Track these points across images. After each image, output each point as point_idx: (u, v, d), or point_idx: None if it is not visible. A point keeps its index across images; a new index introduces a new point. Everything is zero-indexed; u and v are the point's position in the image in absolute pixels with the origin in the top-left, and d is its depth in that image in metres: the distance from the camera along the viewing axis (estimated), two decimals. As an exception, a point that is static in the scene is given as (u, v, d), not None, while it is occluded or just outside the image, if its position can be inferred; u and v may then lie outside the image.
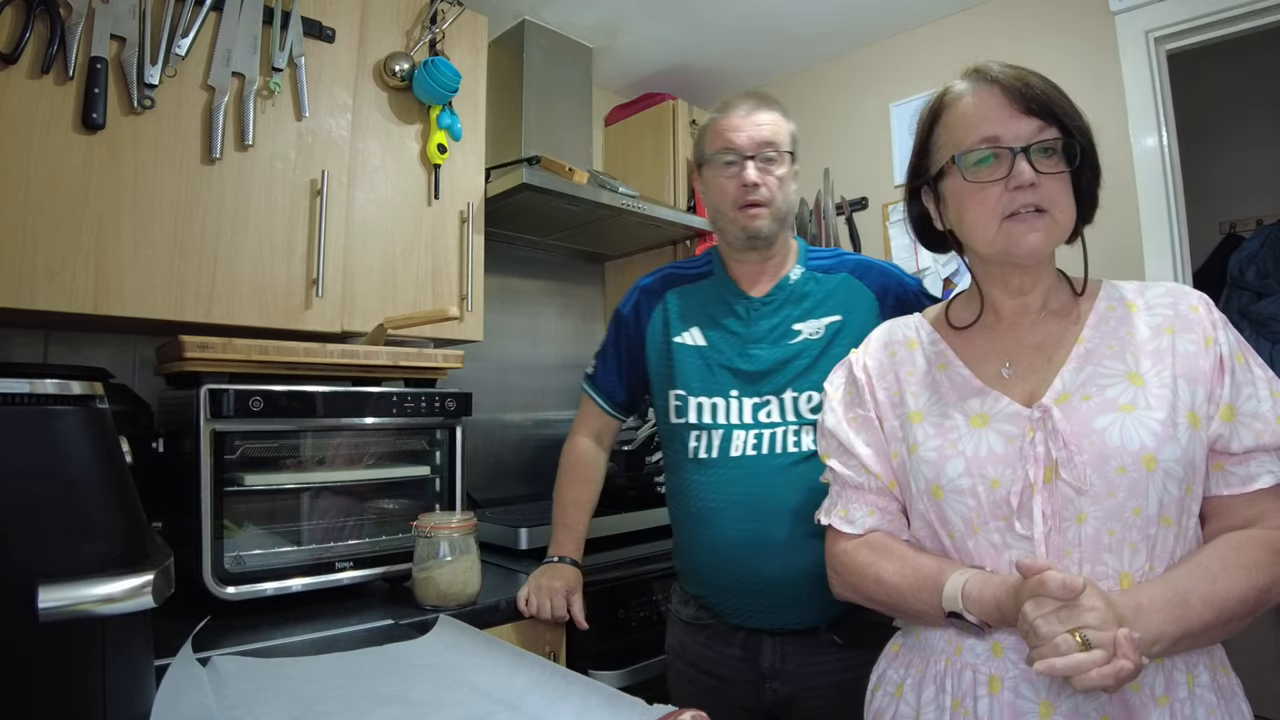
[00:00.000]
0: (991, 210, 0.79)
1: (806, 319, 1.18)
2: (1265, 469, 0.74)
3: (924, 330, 0.93)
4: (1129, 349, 0.78)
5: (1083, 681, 0.60)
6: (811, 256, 1.25)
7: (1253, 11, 1.58)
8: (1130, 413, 0.74)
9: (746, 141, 1.16)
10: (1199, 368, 0.76)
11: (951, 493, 0.79)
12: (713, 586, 1.17)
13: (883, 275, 1.21)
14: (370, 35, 1.56)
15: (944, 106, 0.84)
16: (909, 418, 0.86)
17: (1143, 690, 0.70)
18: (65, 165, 1.15)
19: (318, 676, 0.88)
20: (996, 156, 0.78)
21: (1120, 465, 0.72)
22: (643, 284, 1.35)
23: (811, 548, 1.06)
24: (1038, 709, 0.72)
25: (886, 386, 0.90)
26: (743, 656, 1.14)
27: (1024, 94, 0.78)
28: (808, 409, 1.13)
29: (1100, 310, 0.83)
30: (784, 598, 1.10)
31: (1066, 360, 0.80)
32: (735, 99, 1.21)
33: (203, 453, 1.14)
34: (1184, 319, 0.79)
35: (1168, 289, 0.83)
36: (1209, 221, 2.87)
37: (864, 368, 0.93)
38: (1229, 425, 0.75)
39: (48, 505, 0.61)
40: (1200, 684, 0.72)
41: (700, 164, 1.24)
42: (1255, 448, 0.74)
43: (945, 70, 0.88)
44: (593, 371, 1.38)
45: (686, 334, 1.25)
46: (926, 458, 0.82)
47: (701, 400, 1.19)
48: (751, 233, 1.17)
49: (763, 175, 1.16)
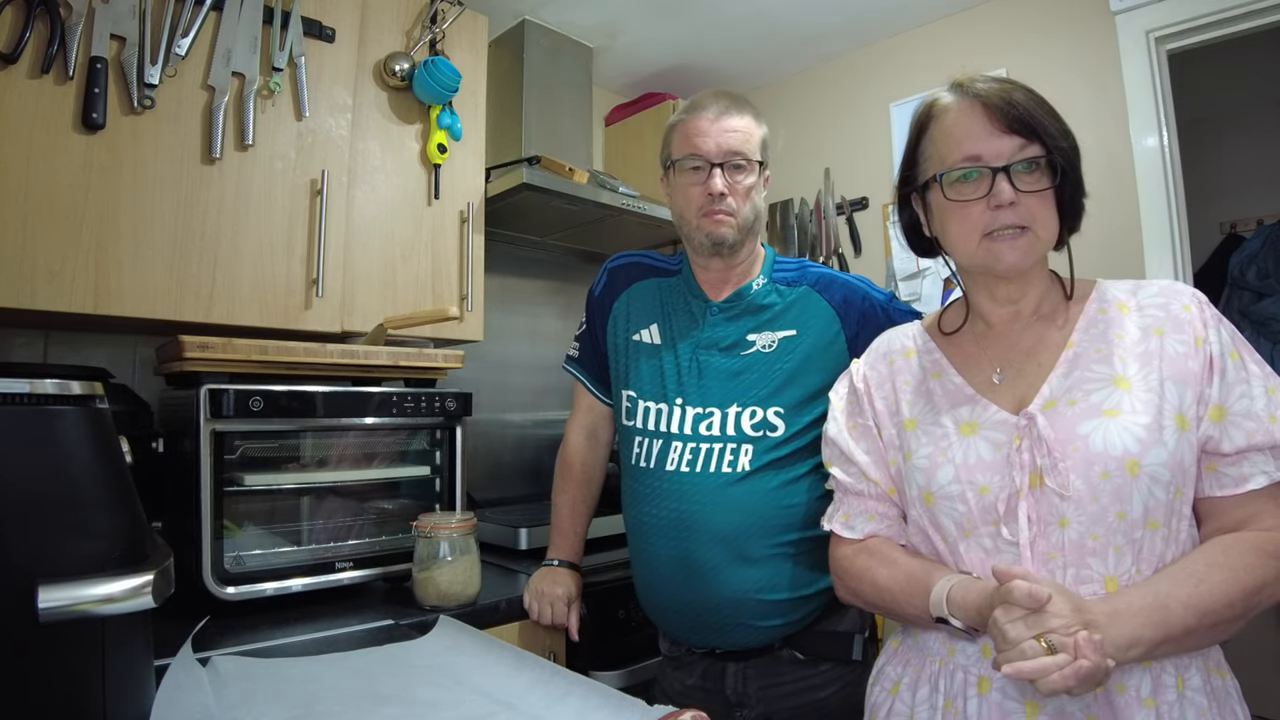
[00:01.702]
0: (972, 227, 0.80)
1: (762, 330, 1.15)
2: (1258, 469, 0.73)
3: (920, 339, 0.94)
4: (1117, 352, 0.78)
5: (1047, 685, 0.62)
6: (777, 268, 1.21)
7: (1253, 11, 1.58)
8: (1115, 418, 0.74)
9: (714, 148, 1.11)
10: (1187, 369, 0.75)
11: (942, 499, 0.80)
12: (652, 605, 1.17)
13: (845, 289, 1.17)
14: (370, 35, 1.56)
15: (930, 118, 0.85)
16: (904, 425, 0.87)
17: (1128, 691, 0.70)
18: (65, 165, 1.15)
19: (318, 676, 0.88)
20: (979, 174, 0.79)
21: (1104, 470, 0.72)
22: (611, 266, 1.32)
23: (739, 573, 1.06)
24: (1024, 709, 0.73)
25: (884, 395, 0.91)
26: (703, 686, 1.13)
27: (1005, 112, 0.78)
28: (748, 425, 1.10)
29: (1090, 313, 0.83)
30: (719, 620, 1.08)
31: (1055, 365, 0.81)
32: (704, 99, 1.16)
33: (203, 453, 1.14)
34: (1174, 319, 0.78)
35: (1161, 288, 0.82)
36: (1209, 221, 2.87)
37: (863, 377, 0.94)
38: (1218, 426, 0.74)
39: (48, 505, 0.61)
40: (1191, 687, 0.72)
41: (666, 166, 1.20)
42: (1248, 447, 0.73)
43: (945, 70, 0.88)
44: (576, 354, 1.35)
45: (645, 331, 1.23)
46: (919, 465, 0.83)
47: (649, 405, 1.17)
48: (716, 239, 1.13)
49: (729, 184, 1.12)
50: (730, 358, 1.15)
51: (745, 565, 1.06)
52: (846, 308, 1.15)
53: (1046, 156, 0.78)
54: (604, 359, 1.31)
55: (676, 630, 1.14)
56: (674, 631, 1.15)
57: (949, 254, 0.87)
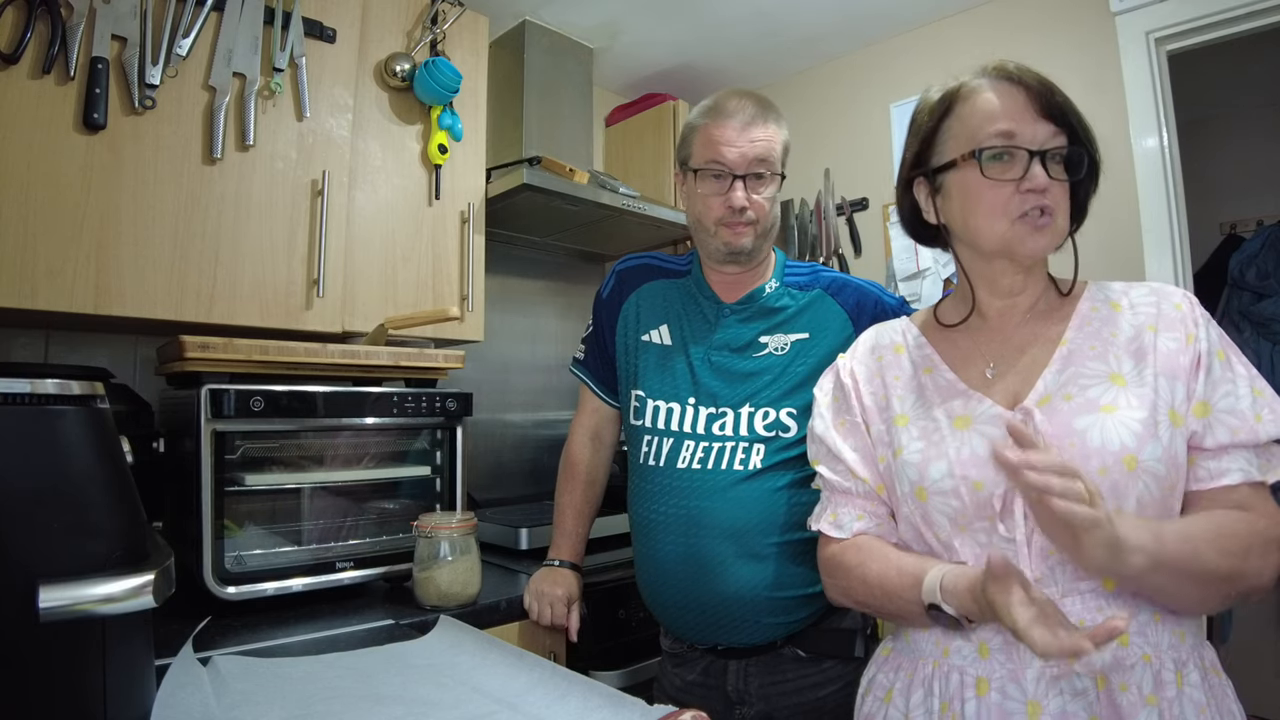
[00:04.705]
0: (1003, 208, 0.79)
1: (775, 333, 1.16)
2: (1236, 465, 0.74)
3: (910, 334, 0.93)
4: (1111, 350, 0.79)
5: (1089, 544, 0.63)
6: (789, 271, 1.22)
7: (1253, 12, 1.58)
8: (1111, 413, 0.74)
9: (738, 159, 1.10)
10: (1179, 364, 0.76)
11: (935, 494, 0.79)
12: (657, 602, 1.17)
13: (858, 293, 1.17)
14: (371, 35, 1.56)
15: (959, 98, 0.84)
16: (894, 421, 0.86)
17: (1130, 690, 0.70)
18: (66, 165, 1.15)
19: (318, 676, 0.88)
20: (1011, 155, 0.78)
21: (1101, 466, 0.72)
22: (620, 268, 1.32)
23: (746, 569, 1.06)
24: (1025, 709, 0.72)
25: (873, 391, 0.91)
26: (704, 682, 1.13)
27: (1046, 98, 0.79)
28: (761, 425, 1.10)
29: (1084, 311, 0.83)
30: (725, 616, 1.08)
31: (1049, 362, 0.80)
32: (730, 103, 1.13)
33: (203, 453, 1.14)
34: (1166, 317, 0.79)
35: (1152, 288, 0.83)
36: (1209, 221, 2.87)
37: (850, 373, 0.93)
38: (1202, 421, 0.74)
39: (48, 505, 0.61)
40: (1190, 683, 0.72)
41: (685, 164, 1.18)
42: (1230, 444, 0.74)
43: (945, 70, 0.88)
44: (583, 356, 1.36)
45: (654, 331, 1.23)
46: (910, 460, 0.82)
47: (659, 404, 1.18)
48: (734, 249, 1.14)
49: (751, 195, 1.11)
50: (743, 359, 1.15)
51: (752, 561, 1.06)
52: (859, 312, 1.16)
53: (1070, 149, 0.78)
54: (611, 361, 1.31)
55: (681, 627, 1.14)
56: (678, 628, 1.15)
57: (967, 236, 0.85)
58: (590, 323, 1.35)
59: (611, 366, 1.31)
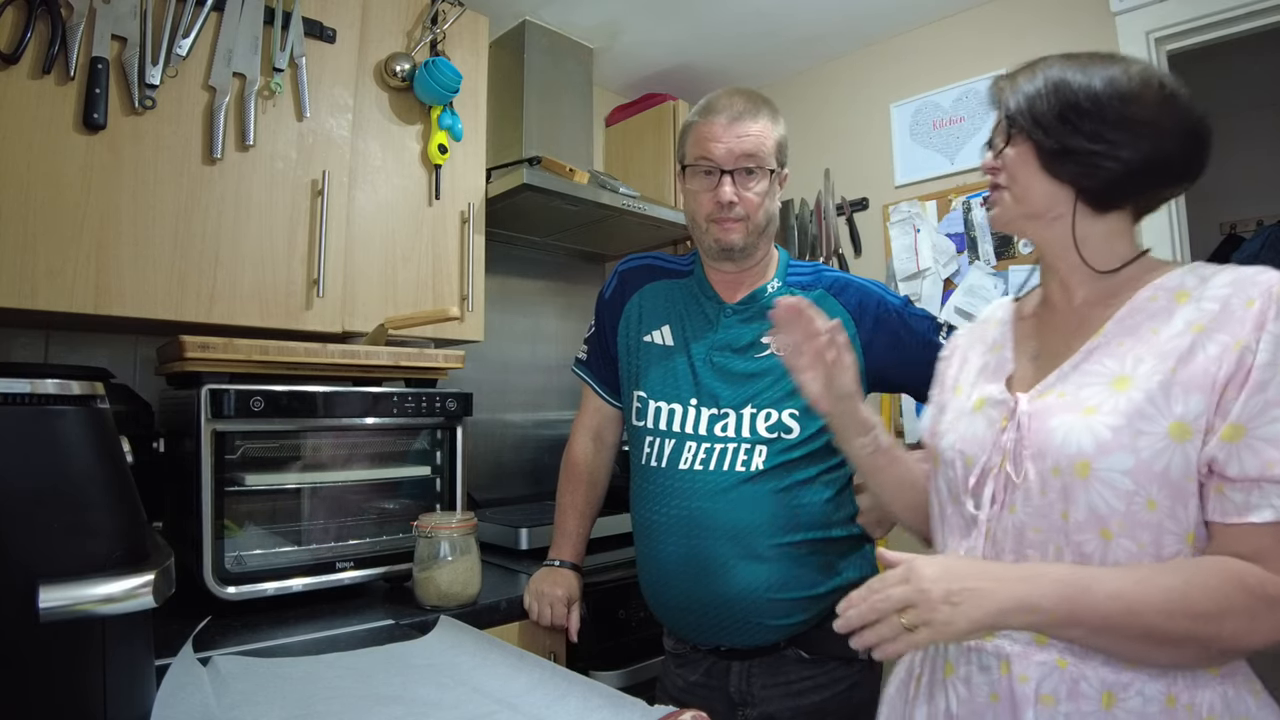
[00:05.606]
0: None
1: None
2: (1268, 501, 0.64)
3: (1005, 313, 0.93)
4: (1138, 348, 0.72)
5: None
6: (791, 271, 1.21)
7: (1253, 12, 1.58)
8: (1089, 416, 0.70)
9: (725, 154, 1.10)
10: (1210, 375, 0.66)
11: (944, 463, 0.84)
12: (659, 603, 1.17)
13: (860, 293, 1.17)
14: (371, 35, 1.56)
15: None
16: (955, 391, 0.90)
17: (1029, 683, 0.70)
18: (66, 165, 1.15)
19: (318, 676, 0.88)
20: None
21: (1055, 466, 0.71)
22: (622, 268, 1.32)
23: (748, 570, 1.06)
24: (944, 668, 0.78)
25: (959, 361, 0.94)
26: (706, 683, 1.13)
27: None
28: (763, 426, 1.10)
29: (1137, 301, 0.75)
30: (727, 618, 1.08)
31: (1073, 354, 0.78)
32: (720, 100, 1.14)
33: (203, 453, 1.14)
34: (1227, 316, 0.68)
35: (1235, 278, 0.70)
36: (1209, 221, 2.87)
37: (954, 344, 0.98)
38: (1229, 446, 0.65)
39: (48, 505, 0.61)
40: (1126, 709, 0.67)
41: (681, 163, 1.19)
42: (1261, 478, 0.64)
43: (945, 70, 0.89)
44: (585, 356, 1.36)
45: (656, 332, 1.23)
46: (941, 429, 0.87)
47: (660, 405, 1.17)
48: (724, 245, 1.13)
49: (739, 191, 1.11)
50: (745, 359, 1.15)
51: (754, 562, 1.06)
52: (861, 312, 1.15)
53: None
54: (613, 362, 1.31)
55: (683, 628, 1.14)
56: (680, 629, 1.15)
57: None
58: (593, 323, 1.35)
59: (614, 367, 1.31)
